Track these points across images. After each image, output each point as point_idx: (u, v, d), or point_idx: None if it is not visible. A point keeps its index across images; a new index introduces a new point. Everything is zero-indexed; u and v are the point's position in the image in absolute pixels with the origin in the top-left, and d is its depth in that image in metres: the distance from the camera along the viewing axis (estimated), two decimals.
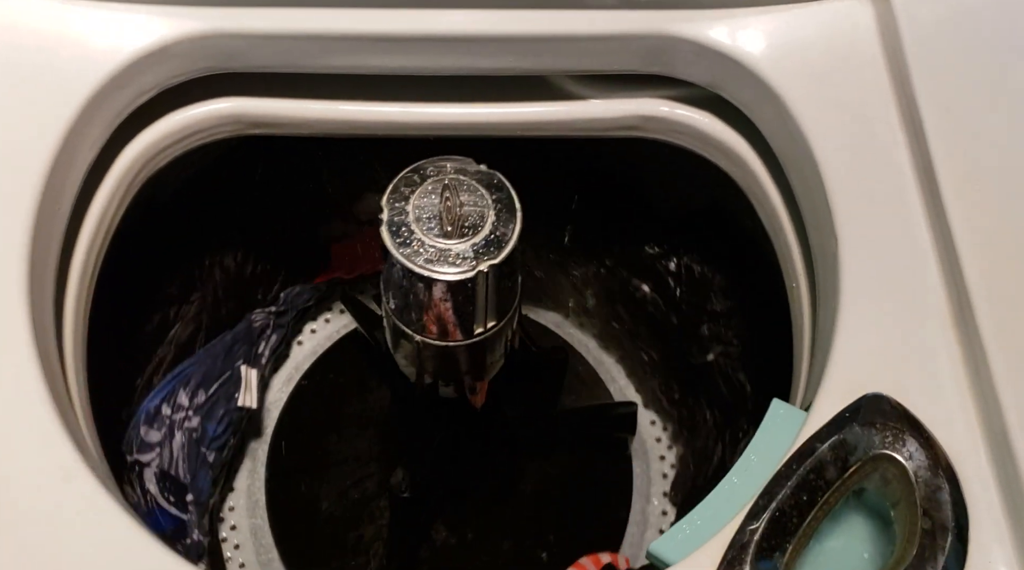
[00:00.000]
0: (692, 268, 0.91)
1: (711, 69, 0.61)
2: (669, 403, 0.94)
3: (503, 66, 0.62)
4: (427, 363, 0.63)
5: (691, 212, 0.88)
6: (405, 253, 0.52)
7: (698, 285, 0.91)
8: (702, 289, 0.90)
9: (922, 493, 0.44)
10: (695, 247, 0.90)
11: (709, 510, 0.48)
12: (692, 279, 0.91)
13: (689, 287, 0.91)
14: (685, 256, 0.91)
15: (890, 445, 0.45)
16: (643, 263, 0.94)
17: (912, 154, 0.55)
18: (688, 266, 0.91)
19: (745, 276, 0.85)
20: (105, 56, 0.57)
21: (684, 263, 0.91)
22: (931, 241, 0.52)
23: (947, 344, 0.49)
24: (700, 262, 0.90)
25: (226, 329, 0.91)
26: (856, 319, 0.51)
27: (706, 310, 0.89)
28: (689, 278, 0.91)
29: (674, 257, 0.92)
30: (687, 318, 0.91)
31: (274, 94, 0.66)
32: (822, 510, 0.45)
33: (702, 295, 0.90)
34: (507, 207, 0.53)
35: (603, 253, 0.97)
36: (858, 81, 0.58)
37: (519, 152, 0.77)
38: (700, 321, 0.90)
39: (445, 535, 0.91)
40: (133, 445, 0.80)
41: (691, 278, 0.91)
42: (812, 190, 0.57)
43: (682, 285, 0.92)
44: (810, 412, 0.49)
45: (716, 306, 0.89)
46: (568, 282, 0.99)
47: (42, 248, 0.53)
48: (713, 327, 0.89)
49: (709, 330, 0.89)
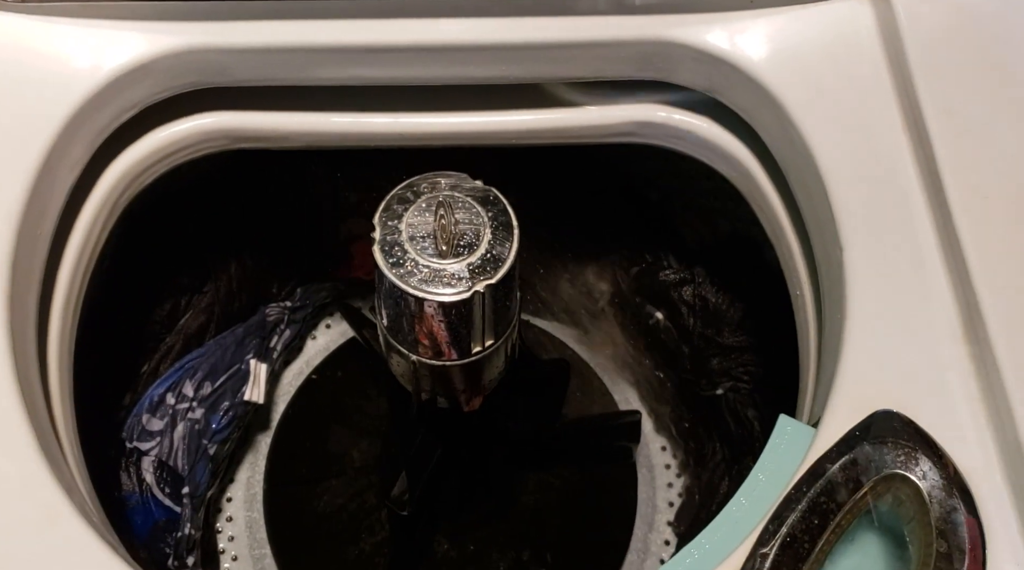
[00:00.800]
0: (707, 297, 0.90)
1: (709, 74, 0.60)
2: (680, 431, 0.93)
3: (497, 75, 0.60)
4: (423, 381, 0.61)
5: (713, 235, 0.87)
6: (399, 273, 0.51)
7: (712, 316, 0.90)
8: (716, 320, 0.89)
9: (936, 514, 0.43)
10: (712, 273, 0.89)
11: (717, 533, 0.47)
12: (706, 309, 0.90)
13: (704, 317, 0.91)
14: (701, 281, 0.91)
15: (902, 464, 0.44)
16: (658, 286, 0.93)
17: (917, 159, 0.53)
18: (702, 296, 0.91)
19: (763, 309, 0.85)
20: (84, 74, 0.55)
21: (699, 293, 0.91)
22: (939, 250, 0.51)
23: (958, 358, 0.48)
24: (716, 291, 0.90)
25: (238, 322, 0.91)
26: (864, 332, 0.49)
27: (718, 343, 0.89)
28: (704, 308, 0.91)
29: (690, 284, 0.91)
30: (699, 349, 0.91)
31: (260, 107, 0.65)
32: (834, 533, 0.43)
33: (716, 326, 0.89)
34: (503, 225, 0.52)
35: (617, 269, 0.96)
36: (859, 85, 0.56)
37: (514, 161, 0.76)
38: (712, 353, 0.89)
39: (446, 548, 0.90)
40: (134, 432, 0.80)
41: (705, 308, 0.91)
42: (814, 197, 0.56)
43: (695, 315, 0.91)
44: (819, 429, 0.47)
45: (729, 340, 0.88)
46: (580, 296, 0.98)
47: (24, 269, 0.52)
48: (724, 361, 0.88)
49: (720, 363, 0.89)
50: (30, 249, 0.53)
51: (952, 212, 0.50)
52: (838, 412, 0.47)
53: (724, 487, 0.87)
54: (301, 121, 0.65)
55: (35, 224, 0.53)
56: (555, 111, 0.67)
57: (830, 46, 0.58)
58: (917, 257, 0.51)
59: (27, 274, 0.53)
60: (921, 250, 0.51)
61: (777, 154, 0.60)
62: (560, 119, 0.67)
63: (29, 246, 0.53)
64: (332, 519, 0.90)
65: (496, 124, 0.67)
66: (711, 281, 0.91)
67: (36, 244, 0.54)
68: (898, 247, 0.51)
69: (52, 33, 0.56)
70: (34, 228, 0.53)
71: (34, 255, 0.54)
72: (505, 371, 0.64)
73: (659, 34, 0.58)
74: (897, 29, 0.56)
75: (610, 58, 0.60)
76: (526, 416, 0.81)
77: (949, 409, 0.46)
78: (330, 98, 0.65)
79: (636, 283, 0.95)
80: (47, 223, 0.55)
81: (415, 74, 0.60)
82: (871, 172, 0.54)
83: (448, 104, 0.66)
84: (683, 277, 0.92)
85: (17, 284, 0.51)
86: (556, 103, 0.67)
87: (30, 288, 0.53)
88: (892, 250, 0.51)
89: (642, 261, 0.95)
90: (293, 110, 0.65)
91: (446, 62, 0.58)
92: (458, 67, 0.59)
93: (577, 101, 0.67)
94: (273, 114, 0.65)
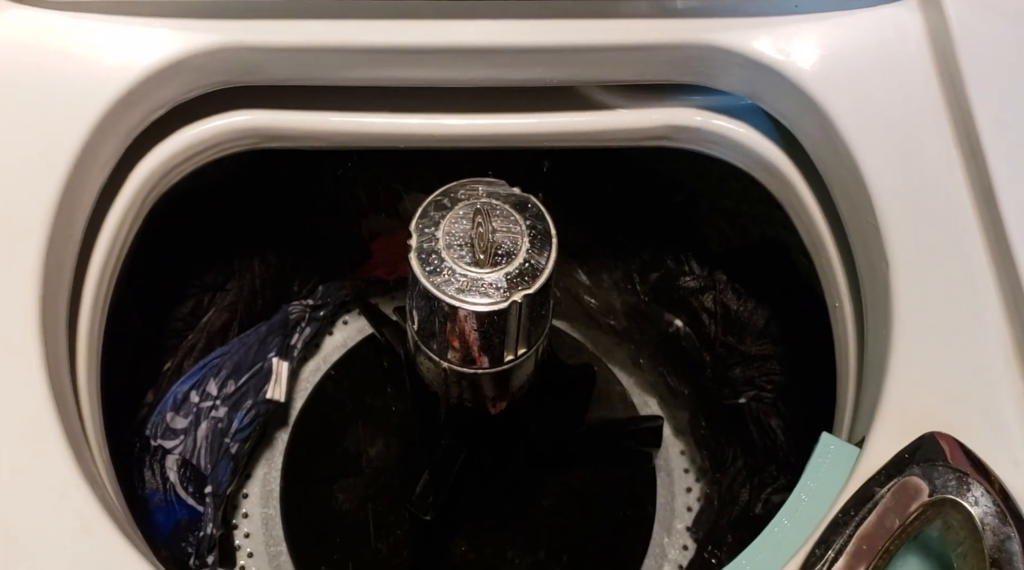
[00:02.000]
0: (728, 305, 0.89)
1: (751, 80, 0.58)
2: (700, 438, 0.92)
3: (536, 78, 0.59)
4: (452, 388, 0.60)
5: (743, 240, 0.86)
6: (435, 282, 0.50)
7: (734, 324, 0.89)
8: (739, 328, 0.88)
9: (990, 542, 0.41)
10: (734, 279, 0.88)
11: (759, 555, 0.46)
12: (728, 316, 0.89)
13: (725, 325, 0.89)
14: (722, 287, 0.90)
15: (954, 490, 0.43)
16: (678, 293, 0.92)
17: (968, 172, 0.52)
18: (723, 303, 0.90)
19: (787, 317, 0.84)
20: (117, 73, 0.54)
21: (720, 300, 0.90)
22: (990, 267, 0.49)
23: (1010, 379, 0.47)
24: (737, 298, 0.89)
25: (261, 320, 0.90)
26: (911, 350, 0.48)
27: (740, 352, 0.87)
28: (725, 315, 0.89)
29: (711, 290, 0.90)
30: (720, 357, 0.89)
31: (290, 106, 0.64)
32: (882, 559, 0.42)
33: (738, 334, 0.88)
34: (542, 233, 0.51)
35: (636, 274, 0.94)
36: (908, 94, 0.55)
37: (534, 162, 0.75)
38: (735, 362, 0.88)
39: (464, 549, 0.89)
40: (158, 430, 0.80)
41: (727, 315, 0.89)
42: (859, 209, 0.54)
43: (717, 322, 0.90)
44: (863, 449, 0.46)
45: (752, 348, 0.87)
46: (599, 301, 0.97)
47: (54, 273, 0.51)
48: (747, 370, 0.87)
49: (743, 372, 0.88)
50: (61, 250, 0.52)
51: (1006, 228, 0.49)
52: (885, 432, 0.46)
53: (745, 494, 0.86)
54: (332, 121, 0.64)
55: (67, 224, 0.52)
56: (589, 114, 0.66)
57: (877, 54, 0.56)
58: (967, 274, 0.50)
59: (58, 275, 0.52)
60: (972, 267, 0.50)
61: (820, 164, 0.58)
62: (594, 122, 0.66)
63: (61, 247, 0.52)
64: (349, 517, 0.90)
65: (529, 126, 0.65)
66: (732, 288, 0.90)
67: (67, 245, 0.53)
68: (947, 264, 0.50)
69: (84, 30, 0.55)
70: (66, 228, 0.52)
71: (65, 256, 0.53)
72: (534, 377, 0.63)
73: (703, 38, 0.56)
74: (949, 37, 0.54)
75: (652, 62, 0.58)
76: (550, 420, 0.80)
77: (1001, 432, 0.45)
78: (362, 98, 0.64)
79: (656, 289, 0.94)
80: (78, 223, 0.54)
81: (453, 76, 0.58)
82: (919, 185, 0.52)
83: (480, 106, 0.65)
84: (704, 284, 0.91)
85: (49, 285, 0.50)
86: (590, 106, 0.66)
87: (61, 289, 0.53)
88: (941, 267, 0.50)
89: (662, 266, 0.94)
90: (324, 110, 0.64)
91: (485, 65, 0.57)
92: (498, 70, 0.58)
93: (611, 104, 0.66)
94: (303, 114, 0.64)
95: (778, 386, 0.85)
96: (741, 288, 0.89)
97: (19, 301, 0.48)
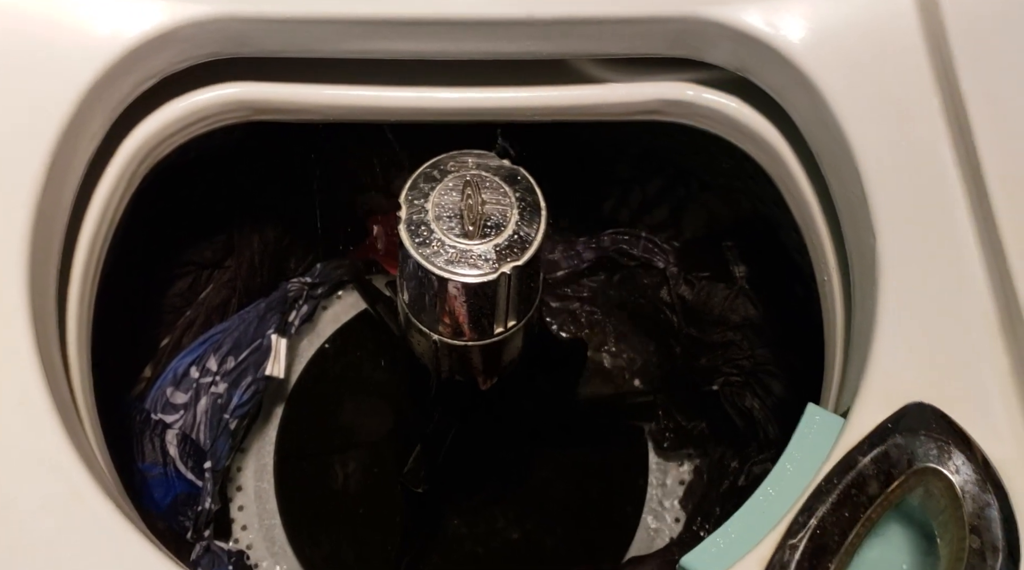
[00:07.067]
0: (684, 296, 0.90)
1: (742, 54, 0.58)
2: (687, 415, 0.93)
3: (525, 50, 0.59)
4: (443, 361, 0.61)
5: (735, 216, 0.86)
6: (424, 253, 0.50)
7: (692, 314, 0.89)
8: (697, 319, 0.89)
9: (970, 509, 0.42)
10: (686, 270, 0.88)
11: (744, 523, 0.46)
12: (686, 308, 0.90)
13: (685, 316, 0.90)
14: (674, 282, 0.90)
15: (935, 458, 0.43)
16: (642, 288, 0.93)
17: (955, 147, 0.52)
18: (680, 295, 0.90)
19: (745, 301, 0.84)
20: (107, 43, 0.54)
21: (676, 292, 0.91)
22: (976, 241, 0.50)
23: (994, 352, 0.47)
24: (692, 290, 0.89)
25: (260, 297, 0.91)
26: (896, 322, 0.48)
27: (703, 342, 0.88)
28: (683, 307, 0.90)
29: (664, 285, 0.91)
30: (687, 348, 0.90)
31: (282, 79, 0.64)
32: (864, 526, 0.43)
33: (698, 325, 0.89)
34: (531, 205, 0.51)
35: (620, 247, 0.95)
36: (897, 68, 0.55)
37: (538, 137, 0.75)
38: (699, 352, 0.89)
39: (456, 523, 0.90)
40: (158, 404, 0.81)
41: (684, 307, 0.90)
42: (848, 182, 0.54)
43: (676, 313, 0.90)
44: (848, 420, 0.47)
45: (714, 337, 0.87)
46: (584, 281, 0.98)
47: (43, 241, 0.51)
48: (711, 358, 0.88)
49: (708, 360, 0.88)
50: (50, 220, 0.52)
51: (992, 202, 0.49)
52: (869, 403, 0.46)
53: (733, 466, 0.87)
54: (322, 94, 0.64)
55: (55, 195, 0.52)
56: (580, 88, 0.66)
57: (867, 27, 0.56)
58: (953, 247, 0.50)
59: (47, 245, 0.52)
60: (958, 240, 0.50)
61: (809, 137, 0.58)
62: (585, 96, 0.66)
63: (49, 217, 0.52)
64: (342, 491, 0.91)
65: (520, 100, 0.65)
66: (684, 280, 0.91)
67: (56, 215, 0.53)
68: (934, 237, 0.50)
69: (73, 0, 0.55)
70: (54, 199, 0.52)
71: (54, 226, 0.53)
72: (524, 351, 0.64)
73: (693, 12, 0.56)
74: (938, 11, 0.54)
75: (642, 35, 0.58)
76: (541, 394, 0.81)
77: (984, 403, 0.46)
78: (352, 71, 0.64)
79: (626, 283, 0.95)
80: (67, 193, 0.54)
81: (445, 48, 0.58)
82: (907, 158, 0.53)
83: (472, 79, 0.64)
84: (658, 281, 0.92)
85: (37, 255, 0.50)
86: (581, 79, 0.66)
87: (50, 259, 0.53)
88: (927, 240, 0.50)
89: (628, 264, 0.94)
90: (315, 82, 0.64)
91: (477, 37, 0.57)
92: (490, 42, 0.58)
93: (603, 77, 0.66)
94: (294, 86, 0.64)
95: (743, 370, 0.86)
96: (692, 279, 0.90)
97: (6, 270, 0.48)
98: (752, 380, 0.85)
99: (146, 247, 0.80)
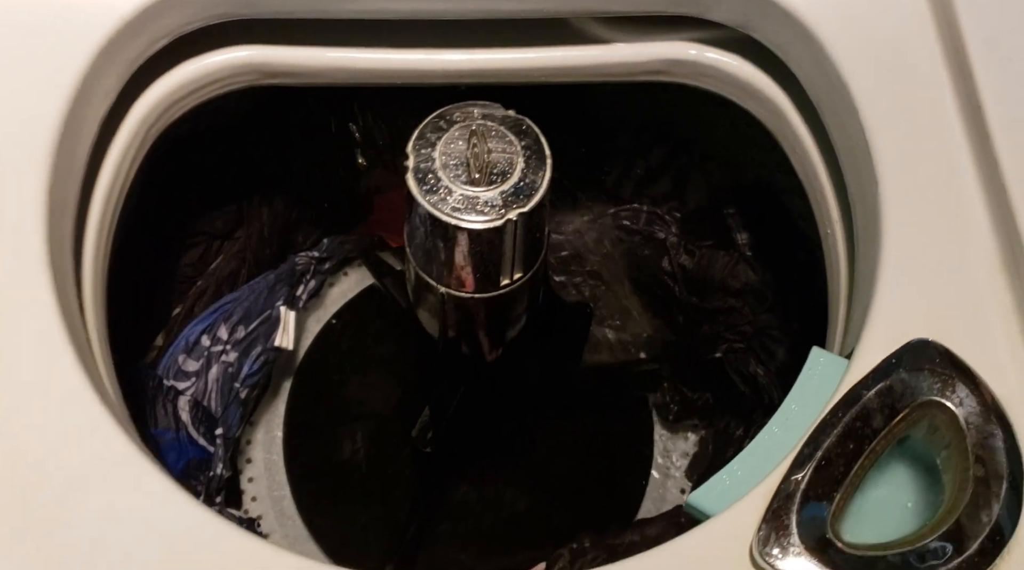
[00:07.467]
0: (684, 265, 0.90)
1: (744, 10, 0.59)
2: (692, 384, 0.93)
3: (529, 8, 0.60)
4: (450, 316, 0.61)
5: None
6: (432, 201, 0.51)
7: (694, 283, 0.90)
8: (699, 287, 0.89)
9: (973, 440, 0.43)
10: (687, 238, 0.89)
11: (750, 460, 0.47)
12: (687, 276, 0.90)
13: (687, 285, 0.90)
14: (674, 252, 0.91)
15: (939, 392, 0.44)
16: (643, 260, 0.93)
17: (957, 93, 0.53)
18: (680, 264, 0.91)
19: (775, 253, 0.84)
20: (117, 2, 0.54)
21: (677, 261, 0.91)
22: (978, 184, 0.50)
23: (996, 290, 0.48)
24: (692, 259, 0.90)
25: (269, 268, 0.92)
26: (899, 264, 0.49)
27: (705, 309, 0.89)
28: (684, 276, 0.91)
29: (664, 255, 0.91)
30: (689, 317, 0.90)
31: (291, 41, 0.64)
32: (868, 458, 0.44)
33: (699, 293, 0.89)
34: (536, 154, 0.52)
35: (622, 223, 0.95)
36: (897, 15, 0.55)
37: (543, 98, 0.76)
38: (701, 320, 0.89)
39: (464, 490, 0.91)
40: (170, 371, 0.82)
41: (685, 276, 0.90)
42: (850, 132, 0.55)
43: (678, 283, 0.91)
44: (852, 359, 0.47)
45: (715, 304, 0.88)
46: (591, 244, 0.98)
47: (59, 201, 0.52)
48: (713, 326, 0.88)
49: (710, 328, 0.89)
50: (65, 178, 0.53)
51: (994, 144, 0.49)
52: (873, 342, 0.47)
53: (738, 434, 0.88)
54: (330, 56, 0.65)
55: (70, 155, 0.53)
56: (583, 48, 0.66)
57: None
58: (955, 189, 0.50)
59: (62, 203, 0.53)
60: (960, 184, 0.51)
61: (811, 90, 0.59)
62: (589, 56, 0.67)
63: (64, 175, 0.53)
64: (350, 462, 0.91)
65: (527, 61, 0.66)
66: (685, 249, 0.91)
67: (70, 175, 0.54)
68: (936, 180, 0.51)
69: None
70: (68, 159, 0.53)
71: (68, 186, 0.54)
72: (530, 312, 0.64)
73: None
74: None
75: None
76: (545, 354, 0.81)
77: (986, 339, 0.46)
78: (359, 33, 0.64)
79: (630, 255, 0.95)
80: (80, 154, 0.55)
81: (447, 7, 0.59)
82: (908, 105, 0.53)
83: (477, 40, 0.65)
84: (660, 252, 0.92)
85: (54, 214, 0.51)
86: (584, 40, 0.66)
87: (65, 217, 0.53)
88: (929, 183, 0.51)
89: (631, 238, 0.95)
90: (323, 45, 0.64)
91: None
92: (492, 1, 0.58)
93: (606, 37, 0.66)
94: (304, 49, 0.64)
95: (745, 336, 0.87)
96: (692, 247, 0.90)
97: (26, 230, 0.49)
98: (756, 345, 0.86)
99: (158, 217, 0.81)
